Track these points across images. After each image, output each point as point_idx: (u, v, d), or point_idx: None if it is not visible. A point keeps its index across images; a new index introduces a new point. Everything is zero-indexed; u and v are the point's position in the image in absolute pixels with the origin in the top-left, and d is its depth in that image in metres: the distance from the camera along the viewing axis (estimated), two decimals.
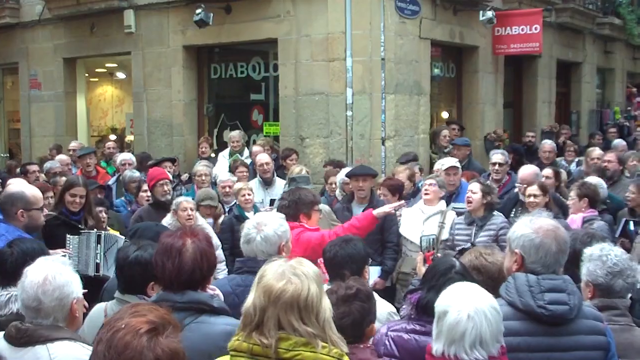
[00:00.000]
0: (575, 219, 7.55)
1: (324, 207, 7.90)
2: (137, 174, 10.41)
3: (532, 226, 3.90)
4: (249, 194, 9.19)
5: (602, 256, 4.28)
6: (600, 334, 3.80)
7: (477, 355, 3.21)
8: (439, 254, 6.93)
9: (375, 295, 5.05)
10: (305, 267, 3.16)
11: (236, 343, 3.11)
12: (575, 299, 3.74)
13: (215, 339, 3.67)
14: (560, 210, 8.03)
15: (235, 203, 9.41)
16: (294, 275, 3.09)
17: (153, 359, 2.60)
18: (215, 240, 8.27)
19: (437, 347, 3.29)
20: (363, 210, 8.22)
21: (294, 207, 6.34)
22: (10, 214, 5.99)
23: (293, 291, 3.04)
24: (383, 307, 4.99)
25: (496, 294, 4.07)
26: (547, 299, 3.69)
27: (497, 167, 9.91)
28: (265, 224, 4.66)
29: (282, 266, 3.14)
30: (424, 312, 4.30)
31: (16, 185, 6.49)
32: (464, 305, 3.24)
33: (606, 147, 14.30)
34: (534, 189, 7.92)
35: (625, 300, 4.28)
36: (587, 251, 4.36)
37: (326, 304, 3.12)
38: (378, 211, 6.68)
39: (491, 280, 4.45)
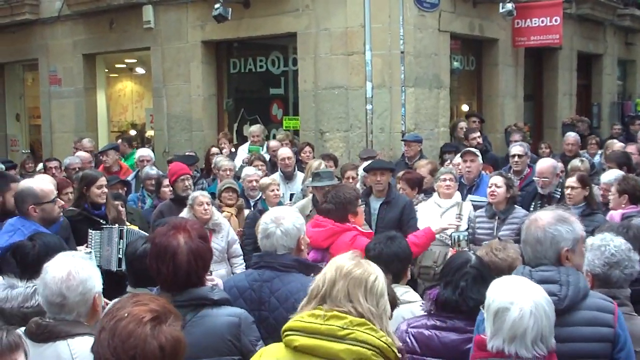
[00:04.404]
0: (614, 215, 7.41)
1: None
2: (154, 170, 10.45)
3: (530, 218, 4.02)
4: (277, 189, 9.21)
5: (601, 246, 4.30)
6: (605, 326, 3.76)
7: (537, 351, 3.23)
8: (465, 248, 6.93)
9: (416, 295, 5.06)
10: (374, 264, 3.33)
11: (305, 324, 3.16)
12: (569, 290, 3.72)
13: (219, 332, 3.68)
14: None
15: (260, 198, 9.41)
16: (365, 263, 3.29)
17: (157, 346, 2.64)
18: (233, 235, 8.29)
19: (494, 343, 3.27)
20: (380, 205, 8.24)
21: (342, 209, 6.33)
22: (24, 210, 6.04)
23: (362, 271, 3.22)
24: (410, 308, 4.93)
25: None
26: None
27: (516, 158, 9.85)
28: (283, 218, 4.61)
29: (353, 253, 3.36)
30: (444, 308, 4.28)
31: (25, 181, 6.54)
32: (525, 301, 3.25)
33: (628, 139, 14.23)
34: (572, 181, 7.80)
35: (625, 290, 4.29)
36: (589, 241, 4.35)
37: (388, 302, 3.27)
38: (438, 229, 7.06)
39: None
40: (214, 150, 12.36)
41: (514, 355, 3.22)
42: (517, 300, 3.25)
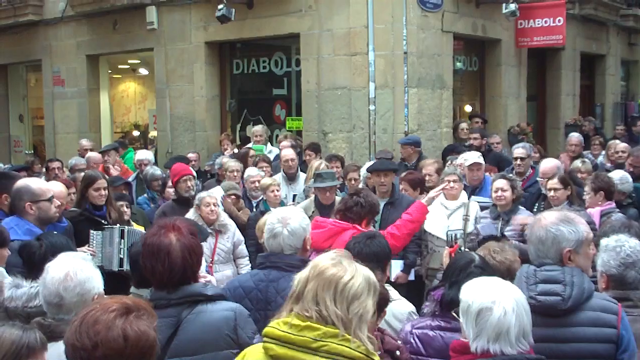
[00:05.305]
0: (592, 213, 7.42)
1: None
2: (159, 171, 10.48)
3: (536, 217, 4.07)
4: (277, 190, 9.19)
5: (616, 247, 4.28)
6: (609, 327, 3.76)
7: (521, 347, 3.23)
8: (463, 248, 6.91)
9: (396, 294, 5.04)
10: (361, 265, 3.16)
11: (280, 333, 3.05)
12: (573, 290, 3.72)
13: (216, 327, 3.73)
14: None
15: (262, 199, 9.39)
16: (346, 262, 3.11)
17: (121, 335, 2.68)
18: (238, 236, 8.29)
19: (478, 344, 3.26)
20: (384, 206, 8.22)
21: (367, 210, 6.30)
22: (20, 207, 6.05)
23: (335, 272, 3.05)
24: (404, 306, 4.95)
25: None
26: (539, 290, 3.74)
27: (519, 160, 9.86)
28: (289, 218, 4.63)
29: (338, 253, 3.20)
30: (449, 309, 4.27)
31: (22, 179, 6.55)
32: (506, 299, 3.25)
33: (631, 139, 14.21)
34: (554, 183, 7.82)
35: (638, 292, 4.26)
36: (603, 242, 4.36)
37: (367, 305, 3.06)
38: (427, 199, 6.88)
39: None
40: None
41: (499, 353, 3.21)
42: (498, 299, 3.24)
